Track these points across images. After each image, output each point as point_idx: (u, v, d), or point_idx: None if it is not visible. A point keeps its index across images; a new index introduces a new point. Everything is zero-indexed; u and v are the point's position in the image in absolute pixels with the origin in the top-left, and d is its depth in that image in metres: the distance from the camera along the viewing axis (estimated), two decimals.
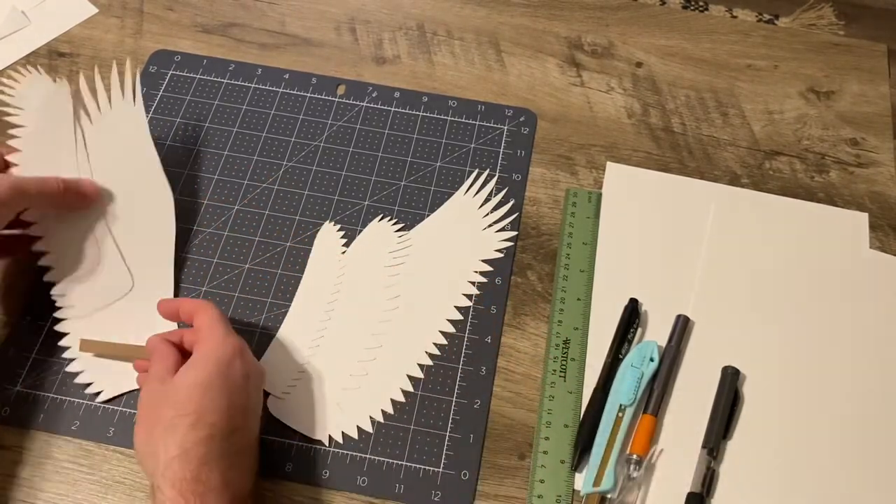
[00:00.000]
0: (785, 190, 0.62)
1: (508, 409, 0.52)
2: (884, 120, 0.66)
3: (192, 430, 0.41)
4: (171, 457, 0.41)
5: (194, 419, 0.42)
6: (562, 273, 0.57)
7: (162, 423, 0.42)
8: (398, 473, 0.49)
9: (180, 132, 0.62)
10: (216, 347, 0.45)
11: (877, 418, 0.52)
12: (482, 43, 0.69)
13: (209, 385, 0.43)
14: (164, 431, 0.42)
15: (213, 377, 0.44)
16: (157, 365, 0.46)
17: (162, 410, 0.43)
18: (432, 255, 0.57)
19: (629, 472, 0.49)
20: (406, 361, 0.53)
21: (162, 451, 0.41)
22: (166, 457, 0.41)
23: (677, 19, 0.72)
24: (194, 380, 0.43)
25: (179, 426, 0.41)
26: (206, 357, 0.44)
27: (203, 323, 0.47)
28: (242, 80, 0.65)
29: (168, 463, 0.41)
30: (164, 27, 0.68)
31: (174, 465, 0.40)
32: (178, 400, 0.43)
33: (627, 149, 0.63)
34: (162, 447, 0.41)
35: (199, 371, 0.44)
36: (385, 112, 0.64)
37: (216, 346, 0.45)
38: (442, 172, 0.61)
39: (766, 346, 0.54)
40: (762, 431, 0.51)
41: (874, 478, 0.50)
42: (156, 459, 0.41)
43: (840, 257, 0.58)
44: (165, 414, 0.42)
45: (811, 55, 0.70)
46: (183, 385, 0.43)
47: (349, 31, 0.69)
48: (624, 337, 0.53)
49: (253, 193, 0.60)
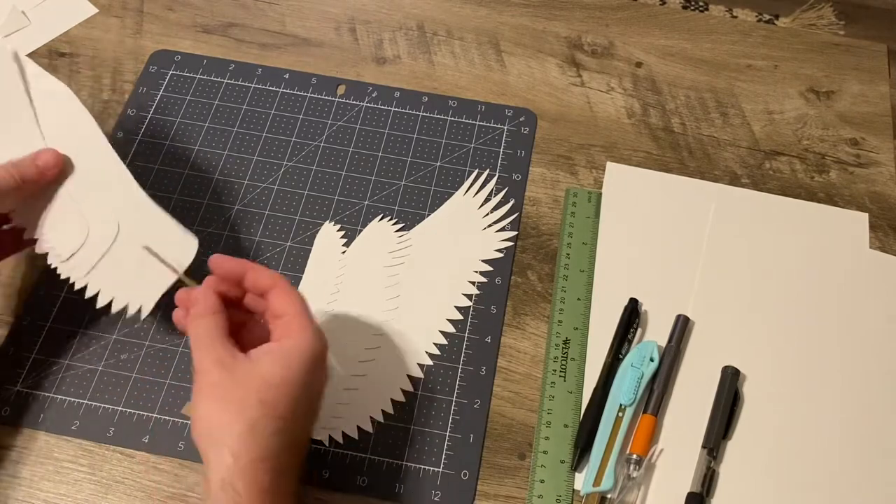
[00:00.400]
0: (785, 190, 0.62)
1: (508, 409, 0.52)
2: (884, 120, 0.66)
3: (277, 436, 0.39)
4: (252, 458, 0.38)
5: (281, 425, 0.39)
6: (562, 273, 0.57)
7: (243, 414, 0.39)
8: (398, 473, 0.49)
9: (180, 132, 0.62)
10: (312, 345, 0.41)
11: (876, 418, 0.52)
12: (482, 43, 0.69)
13: (301, 388, 0.40)
14: (247, 428, 0.38)
15: (305, 379, 0.41)
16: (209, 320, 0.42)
17: (241, 395, 0.39)
18: (432, 255, 0.57)
19: (629, 472, 0.49)
20: (406, 361, 0.53)
21: (243, 450, 0.38)
22: (248, 457, 0.38)
23: (677, 19, 0.72)
24: (288, 378, 0.40)
25: (266, 429, 0.39)
26: (302, 354, 0.41)
27: (291, 309, 0.43)
28: (242, 80, 0.65)
29: (251, 465, 0.38)
30: (164, 27, 0.68)
31: (257, 470, 0.38)
32: (267, 397, 0.39)
33: (627, 149, 0.63)
34: (243, 445, 0.38)
35: (293, 371, 0.40)
36: (385, 112, 0.64)
37: (312, 344, 0.41)
38: (442, 172, 0.61)
39: (767, 346, 0.54)
40: (762, 431, 0.51)
41: (874, 477, 0.50)
42: (226, 451, 0.38)
43: (840, 257, 0.58)
44: (247, 404, 0.39)
45: (811, 55, 0.70)
46: (274, 380, 0.40)
47: (349, 31, 0.69)
48: (624, 337, 0.53)
49: (253, 193, 0.60)
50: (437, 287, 0.56)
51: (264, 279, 0.44)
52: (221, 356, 0.41)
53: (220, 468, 0.38)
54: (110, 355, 0.53)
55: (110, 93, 0.64)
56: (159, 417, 0.51)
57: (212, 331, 0.42)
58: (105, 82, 0.65)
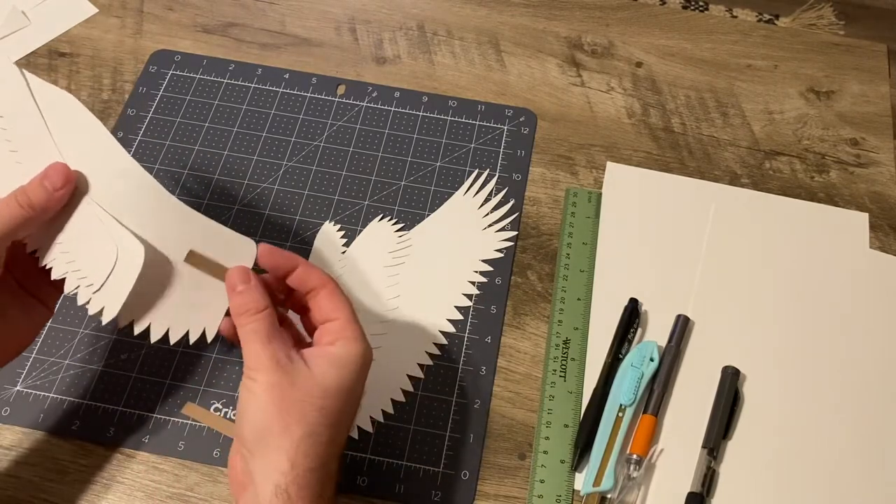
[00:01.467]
0: (785, 190, 0.62)
1: (508, 409, 0.52)
2: (884, 120, 0.66)
3: (331, 445, 0.39)
4: (310, 467, 0.38)
5: (334, 433, 0.39)
6: (562, 273, 0.57)
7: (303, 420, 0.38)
8: (398, 473, 0.49)
9: (180, 132, 0.62)
10: (364, 353, 0.41)
11: (877, 417, 0.52)
12: (482, 43, 0.69)
13: (354, 396, 0.40)
14: (306, 435, 0.38)
15: (357, 387, 0.40)
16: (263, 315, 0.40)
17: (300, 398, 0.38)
18: (432, 255, 0.57)
19: (629, 472, 0.49)
20: (406, 361, 0.53)
21: (301, 457, 0.37)
22: (305, 465, 0.37)
23: (677, 19, 0.72)
24: (344, 387, 0.39)
25: (323, 437, 0.38)
26: (356, 362, 0.40)
27: (343, 314, 0.41)
28: (242, 80, 0.65)
29: (307, 473, 0.37)
30: (164, 27, 0.68)
31: (312, 478, 0.38)
32: (326, 405, 0.38)
33: (627, 149, 0.63)
34: (301, 452, 0.37)
35: (349, 379, 0.40)
36: (385, 112, 0.64)
37: (364, 352, 0.41)
38: (442, 172, 0.61)
39: (766, 346, 0.54)
40: (762, 431, 0.51)
41: (874, 477, 0.50)
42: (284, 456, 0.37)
43: (840, 257, 0.58)
44: (307, 410, 0.38)
45: (811, 55, 0.70)
46: (332, 387, 0.39)
47: (349, 31, 0.69)
48: (624, 337, 0.53)
49: (253, 193, 0.60)
50: (437, 287, 0.56)
51: (315, 278, 0.42)
52: (279, 355, 0.39)
53: (274, 473, 0.37)
54: (110, 355, 0.53)
55: (110, 93, 0.64)
56: (159, 417, 0.51)
57: (267, 327, 0.40)
58: (105, 82, 0.65)
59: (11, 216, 0.41)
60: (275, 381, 0.38)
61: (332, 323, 0.41)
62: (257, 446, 0.38)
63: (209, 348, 0.53)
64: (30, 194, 0.41)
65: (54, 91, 0.45)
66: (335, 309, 0.42)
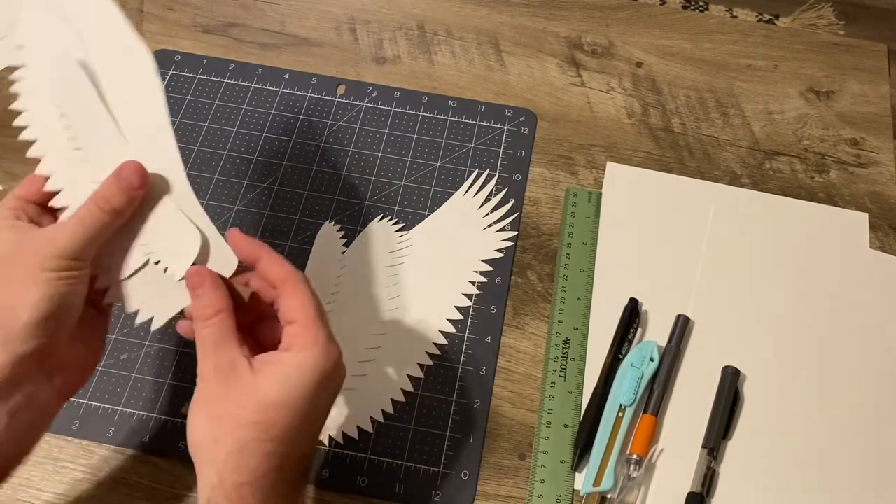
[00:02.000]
0: (785, 190, 0.62)
1: (508, 409, 0.52)
2: (884, 120, 0.66)
3: (268, 458, 0.36)
4: (238, 482, 0.36)
5: (274, 447, 0.36)
6: (562, 273, 0.57)
7: (234, 433, 0.36)
8: (398, 473, 0.49)
9: (180, 132, 0.62)
10: (319, 363, 0.37)
11: (877, 417, 0.52)
12: (482, 43, 0.69)
13: (302, 409, 0.37)
14: (236, 449, 0.36)
15: (308, 400, 0.37)
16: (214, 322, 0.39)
17: (235, 411, 0.37)
18: (432, 255, 0.57)
19: (629, 472, 0.49)
20: (406, 361, 0.53)
21: (229, 472, 0.36)
22: (233, 480, 0.36)
23: (677, 19, 0.72)
24: (287, 400, 0.37)
25: (257, 450, 0.36)
26: (306, 373, 0.37)
27: (301, 315, 0.38)
28: (242, 80, 0.65)
29: (235, 488, 0.36)
30: (164, 27, 0.68)
31: (243, 494, 0.36)
32: (261, 419, 0.36)
33: (627, 149, 0.63)
34: (229, 467, 0.36)
35: (294, 391, 0.37)
36: (385, 112, 0.64)
37: (319, 362, 0.37)
38: (442, 172, 0.61)
39: (766, 346, 0.54)
40: (762, 431, 0.51)
41: (875, 477, 0.50)
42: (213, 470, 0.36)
43: (840, 257, 0.58)
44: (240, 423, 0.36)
45: (811, 55, 0.70)
46: (271, 400, 0.36)
47: (349, 31, 0.69)
48: (624, 337, 0.53)
49: (253, 193, 0.60)
50: (437, 287, 0.56)
51: (276, 270, 0.40)
52: (220, 364, 0.38)
53: (205, 487, 0.36)
54: (110, 355, 0.53)
55: None
56: (159, 417, 0.51)
57: (217, 333, 0.39)
58: None
59: (96, 222, 0.39)
60: (210, 392, 0.37)
61: (291, 325, 0.39)
62: (194, 458, 0.37)
63: None
64: (109, 197, 0.39)
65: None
66: (295, 308, 0.39)
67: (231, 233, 0.41)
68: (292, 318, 0.38)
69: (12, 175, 0.60)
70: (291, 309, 0.39)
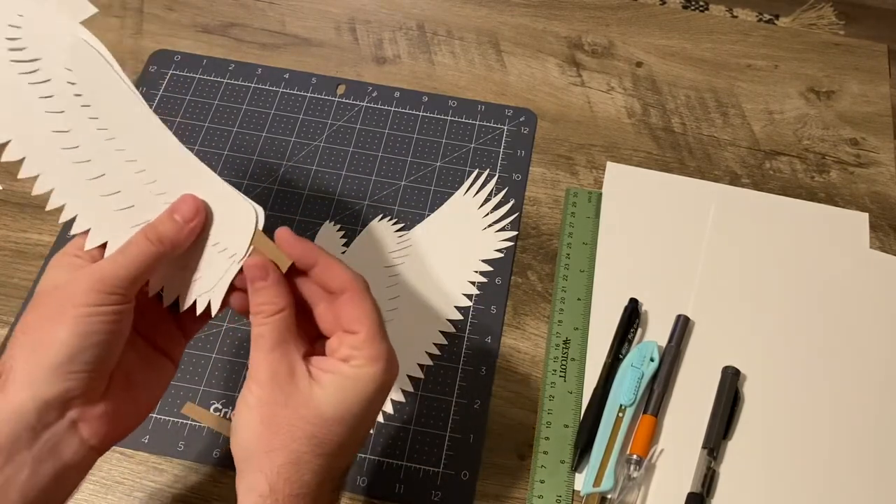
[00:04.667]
0: (785, 190, 0.62)
1: (508, 409, 0.52)
2: (884, 120, 0.66)
3: (319, 472, 0.36)
4: (289, 495, 0.35)
5: (325, 462, 0.36)
6: (562, 273, 0.57)
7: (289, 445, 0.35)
8: (398, 473, 0.49)
9: (180, 132, 0.62)
10: (380, 379, 0.36)
11: (877, 417, 0.52)
12: (482, 43, 0.69)
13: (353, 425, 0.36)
14: (290, 462, 0.35)
15: (366, 413, 0.36)
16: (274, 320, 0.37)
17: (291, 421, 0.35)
18: (432, 255, 0.57)
19: (629, 472, 0.49)
20: (406, 361, 0.53)
21: (281, 484, 0.35)
22: (284, 493, 0.35)
23: (677, 19, 0.72)
24: (345, 416, 0.36)
25: (310, 465, 0.35)
26: (365, 389, 0.36)
27: (363, 328, 0.37)
28: (242, 80, 0.65)
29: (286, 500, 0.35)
30: (164, 27, 0.68)
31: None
32: (318, 433, 0.35)
33: (627, 149, 0.63)
34: (282, 479, 0.35)
35: (352, 407, 0.36)
36: (385, 112, 0.64)
37: (380, 378, 0.36)
38: (442, 172, 0.61)
39: (767, 346, 0.54)
40: (762, 431, 0.51)
41: (875, 477, 0.50)
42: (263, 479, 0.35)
43: (840, 257, 0.58)
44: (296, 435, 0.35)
45: (811, 55, 0.70)
46: (329, 415, 0.35)
47: (349, 31, 0.69)
48: (624, 337, 0.53)
49: (253, 193, 0.59)
50: (437, 287, 0.56)
51: (335, 276, 0.38)
52: (278, 370, 0.36)
53: (249, 492, 0.35)
54: None
55: None
56: (159, 417, 0.50)
57: (276, 333, 0.37)
58: None
59: (141, 253, 0.37)
60: (267, 398, 0.36)
61: (352, 336, 0.37)
62: (241, 461, 0.36)
63: (209, 348, 0.53)
64: (160, 228, 0.37)
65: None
66: (357, 319, 0.37)
67: (281, 232, 0.38)
68: (354, 328, 0.37)
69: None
70: (353, 319, 0.37)
